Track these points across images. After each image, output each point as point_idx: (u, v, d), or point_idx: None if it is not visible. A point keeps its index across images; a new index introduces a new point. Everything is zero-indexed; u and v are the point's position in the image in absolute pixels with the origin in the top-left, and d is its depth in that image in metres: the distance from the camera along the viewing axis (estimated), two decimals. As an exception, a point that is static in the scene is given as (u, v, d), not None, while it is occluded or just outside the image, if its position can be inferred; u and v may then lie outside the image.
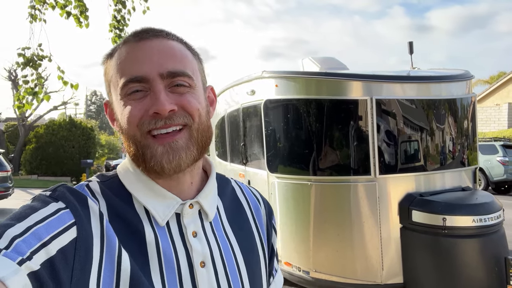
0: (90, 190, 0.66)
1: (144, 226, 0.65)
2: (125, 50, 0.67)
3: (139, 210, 0.66)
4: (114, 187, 0.68)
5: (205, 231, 0.70)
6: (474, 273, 3.22)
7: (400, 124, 3.70)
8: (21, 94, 3.15)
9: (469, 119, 4.06)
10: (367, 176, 3.58)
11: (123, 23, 3.80)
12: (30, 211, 0.58)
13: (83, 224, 0.59)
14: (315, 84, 3.88)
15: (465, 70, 4.20)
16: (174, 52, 0.67)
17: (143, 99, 0.64)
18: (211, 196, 0.74)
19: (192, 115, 0.66)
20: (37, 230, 0.55)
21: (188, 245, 0.67)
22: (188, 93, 0.66)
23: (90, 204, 0.62)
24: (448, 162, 3.91)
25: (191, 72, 0.67)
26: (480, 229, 3.22)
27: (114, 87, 0.67)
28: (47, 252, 0.54)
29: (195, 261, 0.66)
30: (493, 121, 19.92)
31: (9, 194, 9.76)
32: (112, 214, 0.64)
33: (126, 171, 0.70)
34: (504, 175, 12.28)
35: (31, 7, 3.27)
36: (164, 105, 0.62)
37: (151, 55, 0.65)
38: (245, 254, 0.74)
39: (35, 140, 18.66)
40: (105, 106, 0.74)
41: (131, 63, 0.65)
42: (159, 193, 0.68)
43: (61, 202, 0.60)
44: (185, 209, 0.69)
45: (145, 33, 0.67)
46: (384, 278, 3.50)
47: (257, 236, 0.80)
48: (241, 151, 4.85)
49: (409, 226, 3.45)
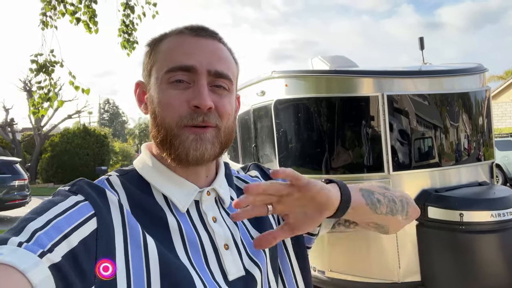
0: (110, 183, 0.68)
1: (166, 214, 0.66)
2: (179, 40, 0.69)
3: (159, 199, 0.68)
4: (133, 179, 0.70)
5: (223, 217, 0.73)
6: (494, 269, 3.15)
7: (412, 119, 3.65)
8: (36, 100, 3.22)
9: (484, 112, 3.98)
10: (381, 173, 3.54)
11: (132, 27, 3.86)
12: (50, 205, 0.59)
13: (102, 215, 0.60)
14: (325, 82, 3.86)
15: (478, 63, 4.13)
16: (224, 55, 0.71)
17: (185, 90, 0.66)
18: (224, 185, 0.77)
19: (223, 118, 0.69)
20: (57, 222, 0.56)
21: (210, 230, 0.69)
22: (226, 96, 0.70)
23: (109, 196, 0.64)
24: (463, 157, 3.84)
25: (232, 77, 0.71)
26: (498, 224, 3.14)
27: (158, 70, 0.69)
28: (68, 243, 0.55)
29: (218, 244, 0.69)
30: (509, 116, 19.53)
31: (27, 202, 9.92)
32: (133, 204, 0.66)
33: (144, 164, 0.72)
34: (522, 171, 12.02)
35: (42, 14, 3.34)
36: (206, 101, 0.65)
37: (204, 51, 0.68)
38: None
39: (50, 148, 18.96)
40: (136, 86, 0.76)
41: (184, 53, 0.67)
42: (178, 182, 0.70)
43: (80, 195, 0.62)
44: (204, 196, 0.72)
45: (202, 31, 0.70)
46: (401, 276, 3.45)
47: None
48: (252, 152, 4.85)
49: (425, 223, 3.39)
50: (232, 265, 0.68)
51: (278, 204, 0.64)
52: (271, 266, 0.74)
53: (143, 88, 0.74)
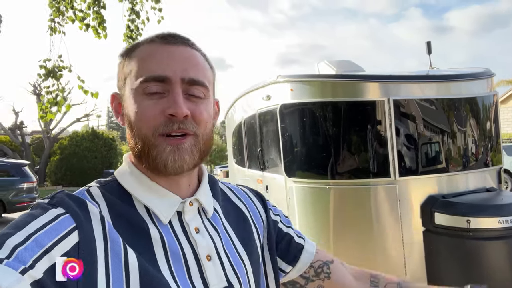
0: (90, 195, 0.67)
1: (148, 225, 0.65)
2: (150, 49, 0.68)
3: (140, 210, 0.67)
4: (114, 189, 0.69)
5: (206, 227, 0.72)
6: (502, 276, 3.10)
7: (419, 124, 3.62)
8: (44, 104, 3.26)
9: (491, 117, 3.94)
10: (387, 179, 3.51)
11: (137, 32, 3.89)
12: (30, 219, 0.57)
13: (84, 227, 0.59)
14: (330, 86, 3.85)
15: (485, 68, 4.09)
16: (198, 62, 0.70)
17: (159, 100, 0.65)
18: (207, 195, 0.76)
19: (200, 125, 0.68)
20: (38, 237, 0.55)
21: (192, 241, 0.69)
22: (202, 104, 0.69)
23: (90, 208, 0.62)
24: (471, 163, 3.80)
25: (208, 83, 0.70)
26: (506, 231, 3.09)
27: (131, 81, 0.68)
28: (50, 258, 0.54)
29: (201, 255, 0.68)
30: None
31: (35, 204, 10.02)
32: (114, 215, 0.64)
33: (124, 173, 0.71)
34: (531, 177, 11.86)
35: (50, 20, 3.39)
36: (182, 108, 0.64)
37: (176, 60, 0.67)
38: (245, 246, 0.77)
39: (59, 151, 19.17)
40: (112, 98, 0.75)
41: (156, 63, 0.66)
42: (160, 193, 0.69)
43: (60, 208, 0.60)
44: (186, 206, 0.71)
45: (173, 38, 0.69)
46: (408, 283, 3.41)
47: (253, 228, 0.82)
48: (258, 156, 4.85)
49: (432, 229, 3.35)
50: (214, 277, 0.67)
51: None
52: (253, 279, 0.75)
53: (118, 100, 0.73)
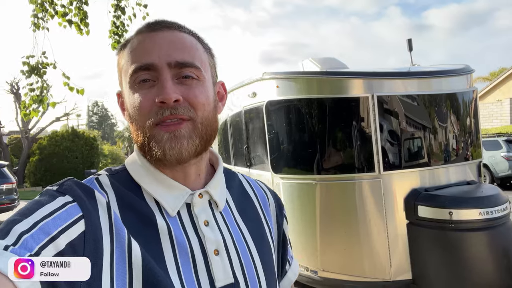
0: (99, 183, 0.66)
1: (156, 217, 0.65)
2: (137, 40, 0.68)
3: (149, 201, 0.66)
4: (123, 179, 0.68)
5: (217, 221, 0.71)
6: (483, 266, 3.20)
7: (402, 120, 3.70)
8: (27, 102, 3.19)
9: (471, 113, 4.06)
10: (372, 173, 3.58)
11: (122, 29, 3.84)
12: (37, 206, 0.57)
13: (91, 217, 0.59)
14: (316, 83, 3.89)
15: (465, 64, 4.20)
16: (184, 44, 0.67)
17: (151, 89, 0.64)
18: (220, 187, 0.74)
19: (196, 108, 0.66)
20: (44, 224, 0.55)
21: (200, 234, 0.67)
22: (196, 86, 0.66)
23: (98, 197, 0.62)
24: (452, 157, 3.90)
25: (199, 64, 0.67)
26: (487, 222, 3.20)
27: (125, 75, 0.68)
28: (55, 246, 0.54)
29: (208, 249, 0.67)
30: (495, 117, 19.87)
31: (15, 206, 9.78)
32: (122, 205, 0.64)
33: (134, 163, 0.71)
34: (508, 171, 12.22)
35: (33, 16, 3.31)
36: (169, 94, 0.62)
37: (161, 45, 0.65)
38: (256, 242, 0.75)
39: (38, 151, 18.72)
40: (118, 96, 0.75)
41: (141, 52, 0.65)
42: (168, 184, 0.68)
43: (68, 196, 0.60)
44: (195, 198, 0.69)
45: (158, 25, 0.68)
46: (393, 275, 3.49)
47: (266, 227, 0.80)
48: (244, 153, 4.86)
49: (415, 222, 3.44)
50: (220, 272, 0.66)
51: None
52: (265, 280, 0.73)
53: (121, 97, 0.73)
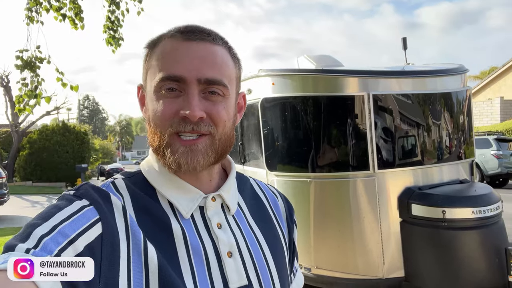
0: (115, 187, 0.68)
1: (170, 219, 0.66)
2: (170, 46, 0.67)
3: (163, 204, 0.68)
4: (139, 182, 0.70)
5: (229, 223, 0.72)
6: (475, 264, 3.24)
7: (397, 118, 3.71)
8: (21, 97, 3.13)
9: (465, 112, 4.09)
10: (366, 172, 3.59)
11: (117, 24, 3.78)
12: (55, 210, 0.59)
13: (107, 220, 0.60)
14: (311, 81, 3.89)
15: (459, 64, 4.23)
16: (216, 59, 0.68)
17: (176, 99, 0.65)
18: (232, 191, 0.76)
19: (217, 125, 0.67)
20: (63, 228, 0.57)
21: (214, 236, 0.69)
22: (221, 103, 0.68)
23: (113, 200, 0.64)
24: (445, 155, 3.94)
25: (227, 81, 0.68)
26: (479, 221, 3.24)
27: (151, 77, 0.68)
28: (74, 249, 0.55)
29: (222, 251, 0.68)
30: (485, 115, 20.11)
31: (5, 201, 9.69)
32: (137, 208, 0.65)
33: (150, 167, 0.72)
34: (498, 169, 12.40)
35: (27, 9, 3.25)
36: (195, 111, 0.63)
37: (193, 58, 0.66)
38: (270, 245, 0.76)
39: (28, 146, 18.50)
40: (138, 89, 0.76)
41: (173, 61, 0.66)
42: (182, 187, 0.69)
43: (85, 200, 0.62)
44: (208, 201, 0.71)
45: (193, 34, 0.68)
46: (386, 272, 3.51)
47: (278, 229, 0.81)
48: (239, 150, 4.85)
49: (409, 220, 3.47)
50: (234, 274, 0.67)
51: None
52: (279, 282, 0.74)
53: (143, 92, 0.74)
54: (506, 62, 22.51)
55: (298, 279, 0.90)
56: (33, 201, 12.81)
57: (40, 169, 18.14)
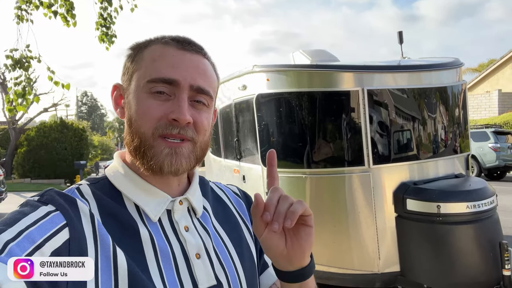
0: (80, 193, 0.67)
1: (138, 224, 0.66)
2: (164, 51, 0.69)
3: (130, 209, 0.68)
4: (104, 187, 0.70)
5: (196, 226, 0.73)
6: (470, 258, 3.25)
7: (392, 113, 3.71)
8: (11, 97, 3.12)
9: (460, 106, 4.08)
10: (361, 167, 3.59)
11: (110, 21, 3.76)
12: (20, 216, 0.58)
13: (74, 225, 0.59)
14: (306, 76, 3.87)
15: (454, 58, 4.22)
16: (206, 72, 0.71)
17: (165, 102, 0.66)
18: (197, 195, 0.77)
19: (199, 133, 0.69)
20: (29, 233, 0.56)
21: (182, 239, 0.69)
22: (204, 112, 0.71)
23: (80, 206, 0.63)
24: (440, 150, 3.94)
25: (213, 93, 0.72)
26: (474, 215, 3.25)
27: (140, 78, 0.68)
28: (41, 254, 0.54)
29: (190, 253, 0.69)
30: (483, 108, 20.10)
31: (2, 198, 9.66)
32: (104, 214, 0.65)
33: (115, 172, 0.72)
34: (496, 161, 12.44)
35: (17, 8, 3.22)
36: (185, 115, 0.65)
37: (189, 67, 0.68)
38: (235, 245, 0.78)
39: (26, 143, 18.45)
40: (114, 88, 0.75)
41: (167, 65, 0.67)
42: (150, 191, 0.70)
43: (50, 205, 0.61)
44: (176, 205, 0.72)
45: (188, 45, 0.70)
46: (381, 267, 3.53)
47: (244, 228, 0.83)
48: (235, 146, 4.84)
49: (404, 215, 3.47)
50: (203, 274, 0.68)
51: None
52: (245, 279, 0.75)
53: (120, 92, 0.73)
54: (504, 55, 22.48)
55: (271, 275, 0.88)
56: (32, 198, 12.82)
57: (38, 166, 18.11)
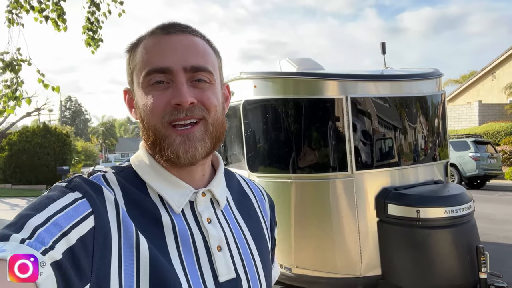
0: (106, 180, 0.68)
1: (161, 213, 0.67)
2: (152, 42, 0.69)
3: (154, 198, 0.69)
4: (129, 177, 0.70)
5: (218, 218, 0.74)
6: (448, 262, 3.36)
7: (374, 121, 3.82)
8: (2, 99, 3.11)
9: (439, 115, 4.23)
10: (345, 173, 3.68)
11: (97, 25, 3.77)
12: (49, 201, 0.59)
13: (100, 213, 0.61)
14: (292, 84, 3.96)
15: (434, 68, 4.37)
16: (198, 48, 0.70)
17: (165, 90, 0.67)
18: (221, 186, 0.77)
19: (209, 110, 0.69)
20: (57, 219, 0.57)
21: (204, 231, 0.70)
22: (208, 89, 0.69)
23: (106, 194, 0.64)
24: (420, 157, 4.06)
25: (212, 68, 0.70)
26: (452, 220, 3.36)
27: (137, 75, 0.69)
28: (67, 241, 0.55)
29: (212, 245, 0.69)
30: (464, 118, 20.60)
31: (-18, 203, 9.46)
32: (128, 202, 0.66)
33: (140, 161, 0.73)
34: (476, 170, 12.71)
35: (8, 12, 3.23)
36: (186, 97, 0.65)
37: (177, 49, 0.67)
38: (255, 240, 0.79)
39: (8, 147, 18.08)
40: (124, 93, 0.77)
41: (157, 55, 0.67)
42: (174, 182, 0.70)
43: (77, 192, 0.62)
44: (199, 197, 0.72)
45: (173, 28, 0.70)
46: (363, 270, 3.60)
47: (263, 225, 0.84)
48: (221, 152, 4.88)
49: (385, 219, 3.57)
50: (223, 267, 0.69)
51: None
52: (263, 275, 0.77)
53: (130, 95, 0.75)
54: (484, 67, 23.14)
55: (277, 266, 0.94)
56: (13, 204, 12.55)
57: (20, 171, 17.74)
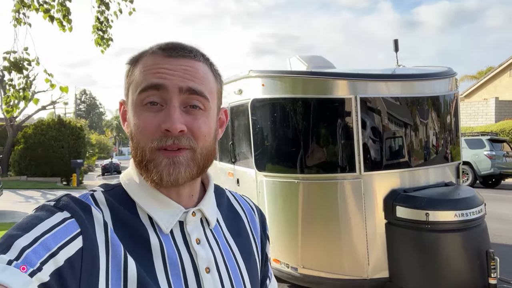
0: (94, 200, 0.67)
1: (149, 234, 0.66)
2: (152, 61, 0.68)
3: (143, 218, 0.68)
4: (118, 196, 0.69)
5: (208, 238, 0.73)
6: (457, 266, 3.30)
7: (384, 121, 3.76)
8: (9, 98, 3.13)
9: (452, 115, 4.14)
10: (353, 174, 3.64)
11: (106, 24, 3.78)
12: (36, 221, 0.58)
13: (88, 233, 0.60)
14: (301, 83, 3.92)
15: (448, 67, 4.27)
16: (197, 73, 0.68)
17: (158, 113, 0.65)
18: (211, 205, 0.76)
19: (198, 139, 0.67)
20: (45, 240, 0.56)
21: (192, 252, 0.69)
22: (201, 117, 0.68)
23: (94, 213, 0.63)
24: (431, 158, 3.99)
25: (208, 94, 0.69)
26: (462, 224, 3.30)
27: (133, 91, 0.69)
28: (55, 262, 0.55)
29: (200, 266, 0.68)
30: (480, 115, 20.20)
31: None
32: (116, 222, 0.65)
33: (130, 180, 0.71)
34: (491, 169, 12.49)
35: (14, 11, 3.24)
36: (175, 124, 0.64)
37: (176, 70, 0.67)
38: (245, 260, 0.78)
39: (23, 140, 18.44)
40: (120, 105, 0.76)
41: (155, 74, 0.66)
42: (163, 202, 0.69)
43: (66, 212, 0.61)
44: (188, 217, 0.71)
45: (173, 51, 0.68)
46: (370, 273, 3.57)
47: (253, 243, 0.83)
48: (229, 150, 4.88)
49: (393, 222, 3.52)
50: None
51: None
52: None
53: (125, 107, 0.73)
54: (502, 63, 22.60)
55: (274, 283, 0.93)
56: (27, 196, 12.80)
57: (35, 164, 18.09)
